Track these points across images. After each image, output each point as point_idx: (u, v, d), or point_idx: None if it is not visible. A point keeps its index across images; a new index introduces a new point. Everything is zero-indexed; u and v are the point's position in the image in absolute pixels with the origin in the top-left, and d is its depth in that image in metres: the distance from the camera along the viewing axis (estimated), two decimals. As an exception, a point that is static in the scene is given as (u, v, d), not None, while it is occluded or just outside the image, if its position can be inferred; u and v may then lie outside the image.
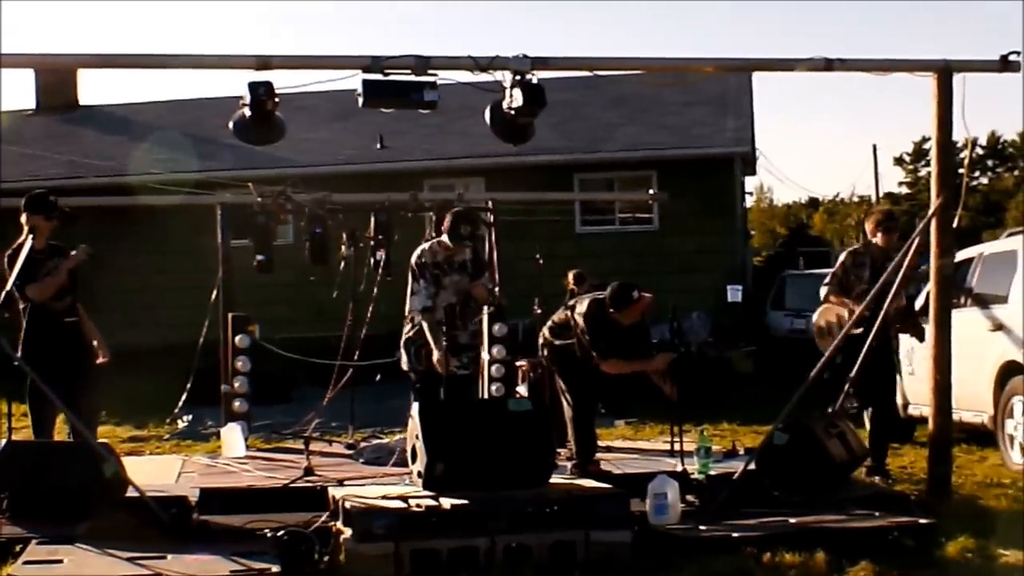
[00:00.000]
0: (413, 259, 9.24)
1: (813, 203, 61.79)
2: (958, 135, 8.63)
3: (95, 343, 8.99)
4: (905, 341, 11.48)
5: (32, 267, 8.42)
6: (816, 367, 8.60)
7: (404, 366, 9.42)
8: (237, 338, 11.84)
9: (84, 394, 8.65)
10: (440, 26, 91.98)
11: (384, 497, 7.08)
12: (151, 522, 7.23)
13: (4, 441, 7.91)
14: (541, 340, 9.62)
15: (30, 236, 8.44)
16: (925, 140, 52.66)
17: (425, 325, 9.05)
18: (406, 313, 9.28)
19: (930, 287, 8.84)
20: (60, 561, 6.46)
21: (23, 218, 8.60)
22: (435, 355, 9.00)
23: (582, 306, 9.18)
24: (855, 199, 57.68)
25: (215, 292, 12.44)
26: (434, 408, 7.59)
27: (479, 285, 9.54)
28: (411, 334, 9.27)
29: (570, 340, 9.22)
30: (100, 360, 8.96)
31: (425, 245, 9.36)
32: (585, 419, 9.24)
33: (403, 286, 9.46)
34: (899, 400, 11.92)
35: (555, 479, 7.64)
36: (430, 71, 7.77)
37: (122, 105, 28.29)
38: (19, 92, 52.31)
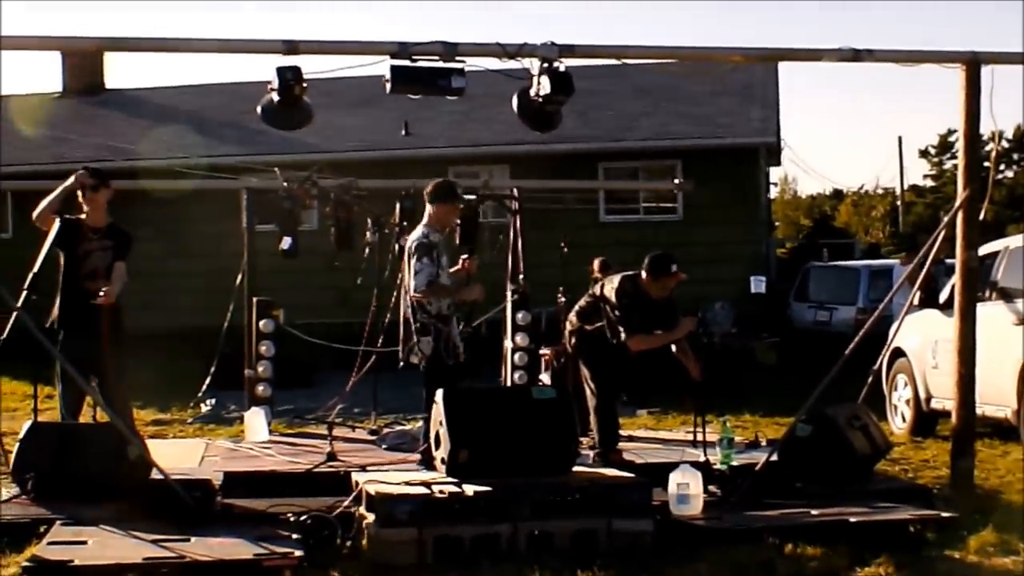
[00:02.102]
0: (414, 241, 8.46)
1: (837, 194, 61.47)
2: (985, 128, 8.61)
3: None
4: (929, 334, 11.47)
5: (74, 237, 8.46)
6: (840, 359, 8.57)
7: (422, 356, 8.46)
8: (261, 323, 11.89)
9: (109, 377, 8.58)
10: (467, 12, 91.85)
11: (407, 483, 7.10)
12: (175, 505, 7.26)
13: (29, 422, 7.97)
14: (568, 327, 9.60)
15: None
16: (950, 132, 52.39)
17: (434, 294, 8.32)
18: (415, 296, 8.36)
19: (955, 280, 8.82)
20: (84, 542, 6.49)
21: None
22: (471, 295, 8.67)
23: (612, 283, 9.16)
24: (879, 191, 57.44)
25: (240, 276, 12.46)
26: (458, 395, 7.58)
27: (475, 288, 8.72)
28: (431, 324, 8.40)
29: (599, 323, 9.19)
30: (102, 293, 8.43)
31: (421, 229, 8.57)
32: (608, 408, 9.24)
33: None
34: (922, 394, 11.89)
35: (577, 468, 7.65)
36: (458, 58, 7.76)
37: (149, 89, 28.37)
38: (46, 75, 52.40)
